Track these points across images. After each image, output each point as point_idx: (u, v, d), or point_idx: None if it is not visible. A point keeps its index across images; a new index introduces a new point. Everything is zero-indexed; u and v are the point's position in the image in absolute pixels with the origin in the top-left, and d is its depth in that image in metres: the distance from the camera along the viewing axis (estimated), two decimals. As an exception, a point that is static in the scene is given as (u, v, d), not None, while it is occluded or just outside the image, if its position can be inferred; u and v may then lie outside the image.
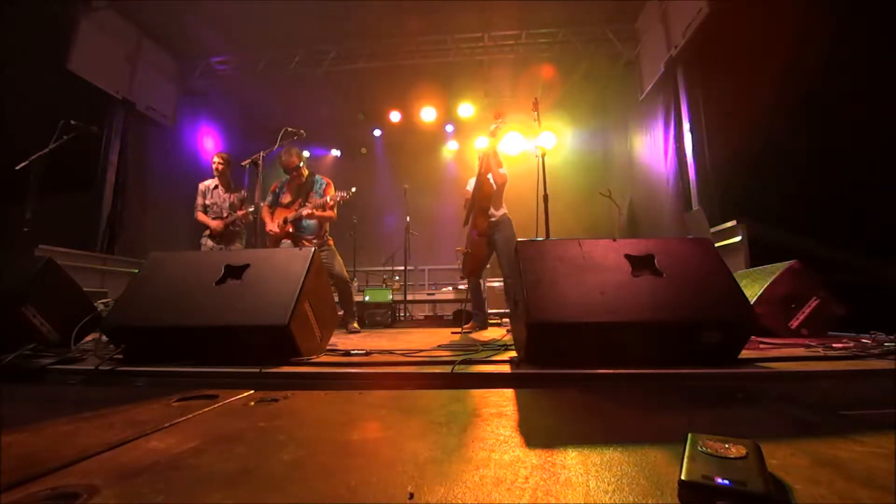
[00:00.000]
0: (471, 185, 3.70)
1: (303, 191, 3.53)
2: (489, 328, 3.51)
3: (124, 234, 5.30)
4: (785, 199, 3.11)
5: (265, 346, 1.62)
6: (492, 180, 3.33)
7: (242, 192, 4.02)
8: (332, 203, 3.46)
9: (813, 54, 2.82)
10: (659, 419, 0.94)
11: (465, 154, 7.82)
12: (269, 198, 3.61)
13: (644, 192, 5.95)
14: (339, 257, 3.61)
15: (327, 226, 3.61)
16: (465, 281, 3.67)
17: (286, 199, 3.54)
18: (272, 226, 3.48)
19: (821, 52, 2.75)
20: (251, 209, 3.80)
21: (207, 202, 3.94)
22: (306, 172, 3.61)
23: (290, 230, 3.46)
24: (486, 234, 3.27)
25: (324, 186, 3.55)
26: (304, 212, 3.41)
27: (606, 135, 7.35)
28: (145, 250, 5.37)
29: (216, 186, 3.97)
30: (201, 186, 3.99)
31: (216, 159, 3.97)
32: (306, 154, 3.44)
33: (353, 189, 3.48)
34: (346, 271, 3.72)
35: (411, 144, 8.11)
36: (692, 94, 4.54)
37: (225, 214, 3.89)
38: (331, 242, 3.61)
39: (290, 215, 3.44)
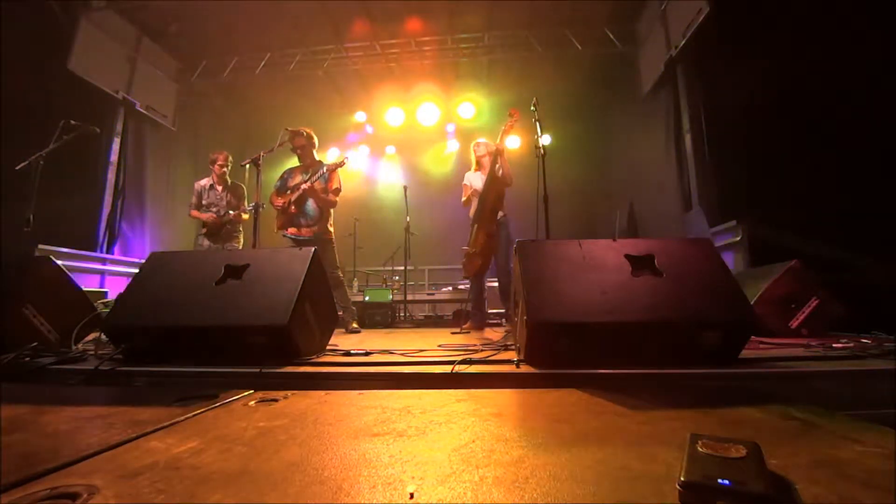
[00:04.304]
0: (468, 178, 3.68)
1: (308, 173, 3.55)
2: (489, 328, 3.51)
3: (124, 234, 5.30)
4: (785, 199, 3.11)
5: (265, 346, 1.62)
6: (502, 175, 3.26)
7: (240, 188, 4.01)
8: (334, 184, 3.51)
9: (813, 54, 2.82)
10: (659, 419, 0.94)
11: (466, 154, 7.81)
12: (278, 183, 3.63)
13: (644, 193, 5.95)
14: (334, 251, 3.61)
15: (330, 215, 3.62)
16: (466, 281, 3.66)
17: (293, 182, 3.56)
18: (280, 202, 3.52)
19: (820, 52, 2.75)
20: (248, 207, 3.81)
21: (204, 202, 3.92)
22: (313, 153, 3.63)
23: (294, 211, 3.47)
24: (496, 237, 3.25)
25: (327, 167, 3.58)
26: (304, 185, 3.42)
27: (606, 135, 7.35)
28: (145, 250, 5.41)
29: (212, 186, 3.95)
30: (197, 186, 3.97)
31: (219, 160, 3.96)
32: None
33: (346, 157, 3.65)
34: (342, 270, 3.71)
35: (411, 144, 8.11)
36: (692, 94, 4.54)
37: (223, 213, 3.88)
38: (331, 234, 3.61)
39: (294, 195, 3.46)
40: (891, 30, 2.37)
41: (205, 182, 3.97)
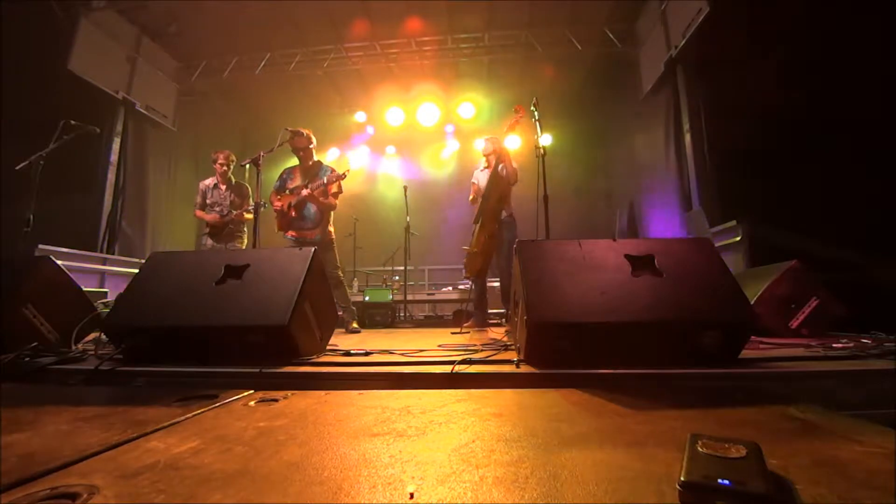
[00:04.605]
0: (476, 176, 3.67)
1: (309, 175, 3.54)
2: (489, 328, 3.51)
3: (124, 234, 5.30)
4: (785, 198, 3.11)
5: (265, 346, 1.62)
6: (505, 174, 3.24)
7: (245, 188, 4.02)
8: (334, 189, 3.48)
9: (812, 54, 2.82)
10: (659, 419, 0.94)
11: (466, 153, 7.83)
12: (277, 183, 3.63)
13: (644, 193, 5.95)
14: (335, 252, 3.61)
15: (330, 217, 3.62)
16: (467, 280, 3.65)
17: (293, 184, 3.55)
18: (279, 204, 3.52)
19: (820, 52, 2.75)
20: (250, 206, 3.81)
21: (208, 201, 3.93)
22: (315, 156, 3.62)
23: (294, 215, 3.46)
24: (497, 236, 3.23)
25: (328, 173, 3.54)
26: (304, 191, 3.40)
27: (606, 135, 7.35)
28: (145, 250, 5.41)
29: (216, 185, 3.96)
30: (201, 186, 3.98)
31: (220, 158, 3.95)
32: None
33: (349, 170, 3.57)
34: (342, 270, 3.72)
35: (412, 144, 8.12)
36: (692, 94, 4.54)
37: (226, 212, 3.89)
38: (332, 235, 3.61)
39: (294, 199, 3.45)
40: (891, 28, 2.37)
41: (209, 182, 3.98)
